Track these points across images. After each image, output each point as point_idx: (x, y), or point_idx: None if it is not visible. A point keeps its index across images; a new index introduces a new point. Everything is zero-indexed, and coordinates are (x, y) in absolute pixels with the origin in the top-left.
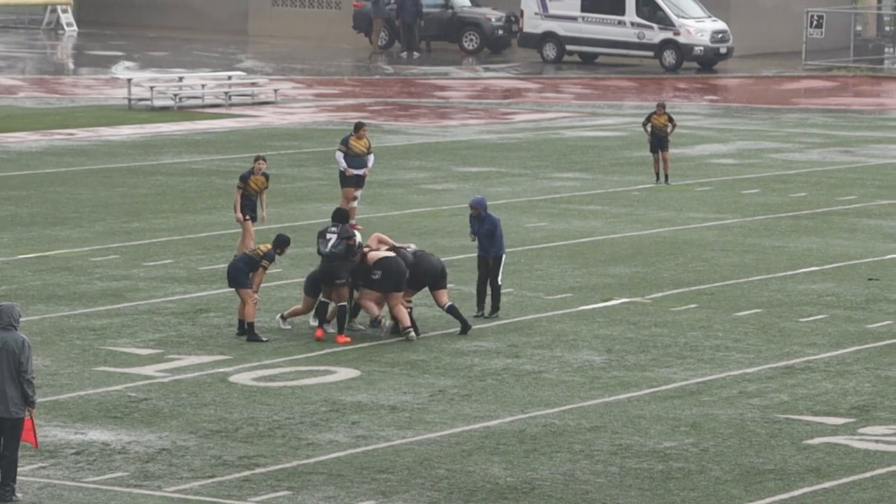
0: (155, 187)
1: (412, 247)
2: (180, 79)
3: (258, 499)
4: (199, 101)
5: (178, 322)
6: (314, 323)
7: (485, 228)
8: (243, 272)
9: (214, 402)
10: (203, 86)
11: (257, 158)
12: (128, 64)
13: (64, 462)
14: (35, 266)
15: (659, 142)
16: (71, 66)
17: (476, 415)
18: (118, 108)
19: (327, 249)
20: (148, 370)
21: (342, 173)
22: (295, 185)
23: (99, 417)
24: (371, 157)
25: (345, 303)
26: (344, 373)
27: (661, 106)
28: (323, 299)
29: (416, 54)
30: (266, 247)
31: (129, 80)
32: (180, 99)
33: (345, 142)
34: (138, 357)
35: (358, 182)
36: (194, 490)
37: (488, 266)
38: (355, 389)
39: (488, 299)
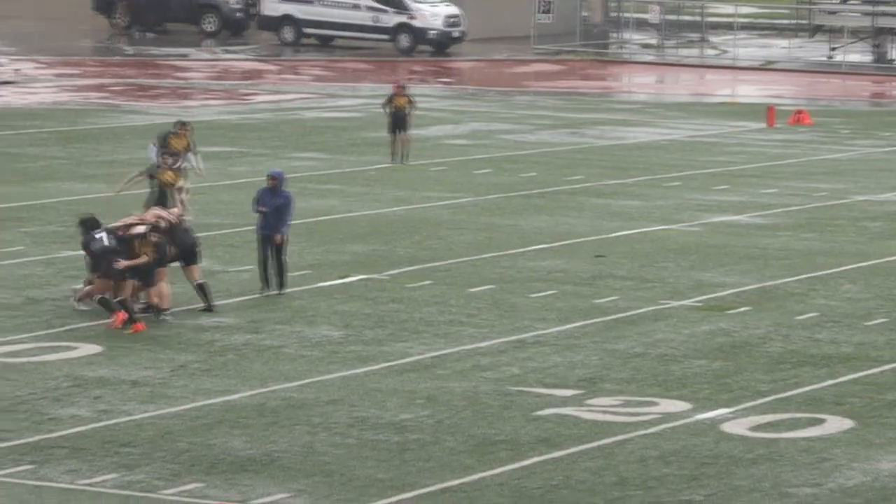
0: None
1: (175, 212)
2: None
3: (0, 473)
4: None
5: None
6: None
7: (278, 203)
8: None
9: None
10: None
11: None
12: None
13: None
14: None
15: (398, 122)
16: None
17: (217, 389)
18: None
19: (103, 245)
20: None
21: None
22: (37, 164)
23: None
24: (192, 157)
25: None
26: (86, 348)
27: (402, 87)
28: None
29: (148, 34)
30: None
31: None
32: None
33: (163, 138)
34: None
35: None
36: None
37: (273, 243)
38: (97, 365)
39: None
